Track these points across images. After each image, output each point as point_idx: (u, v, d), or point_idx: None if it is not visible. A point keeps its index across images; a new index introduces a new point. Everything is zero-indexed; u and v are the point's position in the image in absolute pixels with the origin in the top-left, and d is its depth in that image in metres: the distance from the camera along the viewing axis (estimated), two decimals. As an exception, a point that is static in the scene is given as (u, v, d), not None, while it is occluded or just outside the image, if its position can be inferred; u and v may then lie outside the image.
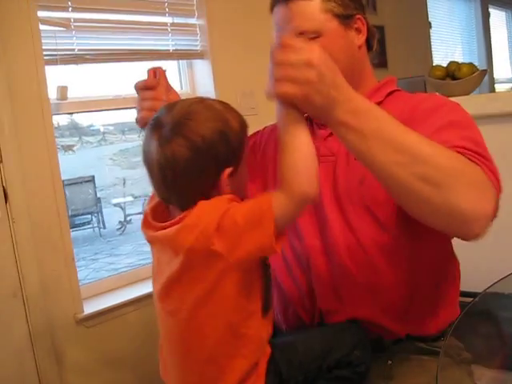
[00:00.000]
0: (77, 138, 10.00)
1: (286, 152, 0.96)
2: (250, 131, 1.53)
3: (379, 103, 1.28)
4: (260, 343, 1.03)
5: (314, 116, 1.08)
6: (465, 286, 1.50)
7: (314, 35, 1.26)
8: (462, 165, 1.00)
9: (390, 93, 1.34)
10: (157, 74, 1.33)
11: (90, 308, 2.23)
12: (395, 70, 4.02)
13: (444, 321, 1.30)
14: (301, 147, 0.96)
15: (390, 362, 1.25)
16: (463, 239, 1.03)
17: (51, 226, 2.12)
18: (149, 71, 1.33)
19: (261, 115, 2.70)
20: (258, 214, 0.93)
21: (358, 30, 1.32)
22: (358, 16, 1.31)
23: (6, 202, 1.97)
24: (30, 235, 2.04)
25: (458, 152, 1.03)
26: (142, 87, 1.32)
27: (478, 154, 1.05)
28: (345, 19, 1.29)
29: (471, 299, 1.27)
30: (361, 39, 1.33)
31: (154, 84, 1.31)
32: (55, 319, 2.13)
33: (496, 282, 1.21)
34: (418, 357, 1.27)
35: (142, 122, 1.30)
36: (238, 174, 1.05)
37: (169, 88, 1.35)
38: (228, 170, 1.01)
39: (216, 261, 0.94)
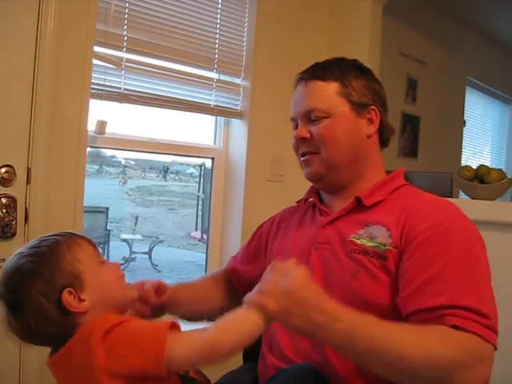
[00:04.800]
0: (97, 167, 10.12)
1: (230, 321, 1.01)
2: (275, 198, 1.58)
3: (381, 201, 1.30)
4: None
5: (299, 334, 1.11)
6: None
7: (324, 115, 1.31)
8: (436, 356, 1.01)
9: (396, 188, 1.34)
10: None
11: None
12: (424, 162, 4.07)
13: None
14: (237, 330, 1.00)
15: None
16: None
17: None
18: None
19: (287, 183, 2.75)
20: (150, 338, 0.96)
21: (370, 121, 1.35)
22: (372, 107, 1.35)
23: (25, 223, 2.00)
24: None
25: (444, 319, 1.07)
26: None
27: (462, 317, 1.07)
28: (358, 106, 1.33)
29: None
30: (371, 130, 1.35)
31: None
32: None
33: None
34: None
35: None
36: (90, 282, 1.07)
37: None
38: (66, 293, 1.03)
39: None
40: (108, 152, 10.40)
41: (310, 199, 1.45)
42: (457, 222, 1.22)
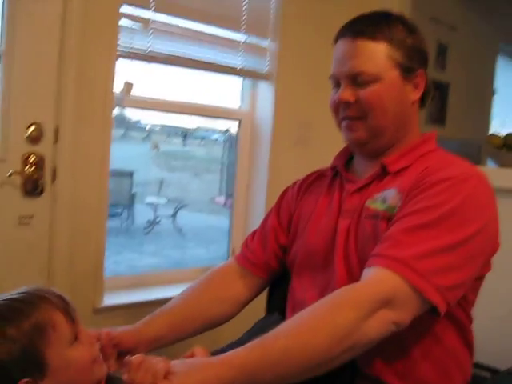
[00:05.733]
0: (122, 131, 10.16)
1: None
2: (301, 162, 1.56)
3: (407, 167, 1.27)
4: None
5: None
6: (484, 358, 1.47)
7: (372, 79, 1.25)
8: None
9: (425, 153, 1.31)
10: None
11: (109, 300, 2.26)
12: (452, 129, 4.01)
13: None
14: None
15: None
16: None
17: (90, 212, 2.16)
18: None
19: (314, 147, 2.74)
20: None
21: (416, 85, 1.30)
22: (419, 71, 1.30)
23: (52, 182, 2.02)
24: (69, 216, 2.08)
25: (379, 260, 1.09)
26: None
27: (407, 267, 1.07)
28: (406, 72, 1.27)
29: (489, 375, 1.25)
30: (416, 95, 1.31)
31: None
32: (74, 303, 2.14)
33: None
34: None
35: None
36: (55, 369, 0.98)
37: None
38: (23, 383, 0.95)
39: None
40: (133, 117, 10.40)
41: (337, 166, 1.43)
42: (470, 186, 1.18)
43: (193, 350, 1.19)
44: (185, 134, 11.94)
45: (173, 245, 7.49)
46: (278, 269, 1.49)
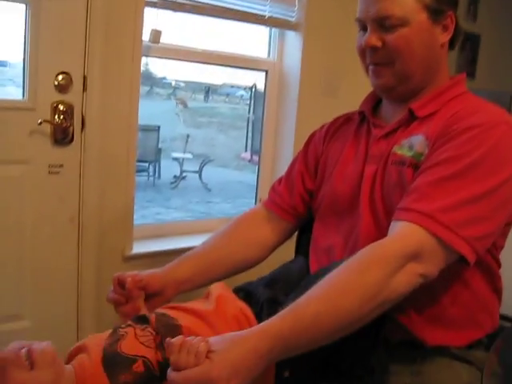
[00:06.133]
0: (148, 88, 10.16)
1: None
2: (329, 114, 1.54)
3: (435, 112, 1.24)
4: None
5: None
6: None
7: (399, 23, 1.20)
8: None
9: (454, 97, 1.27)
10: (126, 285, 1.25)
11: (138, 248, 2.29)
12: (482, 82, 3.93)
13: (478, 331, 1.27)
14: None
15: (418, 358, 1.24)
16: None
17: (119, 162, 2.18)
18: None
19: (342, 98, 2.70)
20: None
21: (445, 28, 1.25)
22: (449, 13, 1.25)
23: (82, 130, 2.04)
24: (98, 166, 2.11)
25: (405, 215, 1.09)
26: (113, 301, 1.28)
27: (434, 220, 1.07)
28: (435, 14, 1.22)
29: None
30: (445, 37, 1.26)
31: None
32: (104, 251, 2.19)
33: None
34: (448, 361, 1.24)
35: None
36: None
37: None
38: None
39: None
40: (158, 73, 10.41)
41: (364, 111, 1.41)
42: (498, 133, 1.14)
43: (209, 288, 1.21)
44: (210, 91, 11.90)
45: (199, 199, 7.54)
46: (305, 213, 1.49)
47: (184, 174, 8.07)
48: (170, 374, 0.86)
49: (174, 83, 11.30)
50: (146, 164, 7.42)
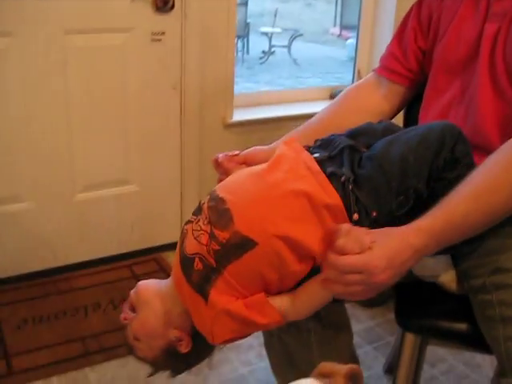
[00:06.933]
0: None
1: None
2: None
3: None
4: None
5: None
6: None
7: None
8: None
9: None
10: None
11: (239, 116, 2.34)
12: None
13: None
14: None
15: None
16: None
17: (219, 31, 2.19)
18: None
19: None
20: None
21: None
22: None
23: (181, -3, 2.05)
24: (199, 34, 2.13)
25: None
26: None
27: None
28: None
29: None
30: None
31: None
32: (205, 118, 2.26)
33: None
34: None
35: None
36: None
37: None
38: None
39: None
40: None
41: None
42: None
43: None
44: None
45: (288, 75, 7.46)
46: (420, 75, 1.42)
47: (273, 49, 7.97)
48: (330, 256, 0.90)
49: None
50: (235, 39, 7.34)
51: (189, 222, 0.99)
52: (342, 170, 0.98)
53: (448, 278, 1.22)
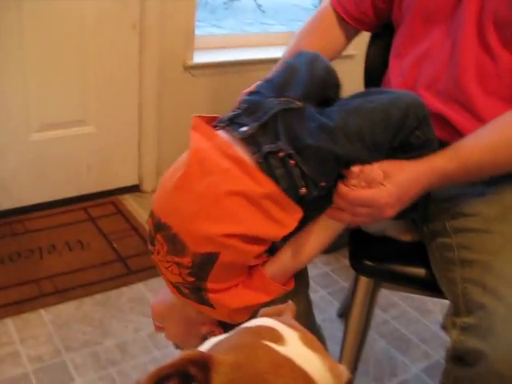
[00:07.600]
0: None
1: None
2: None
3: None
4: None
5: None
6: None
7: None
8: None
9: None
10: None
11: (200, 58, 2.29)
12: None
13: None
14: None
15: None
16: None
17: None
18: None
19: None
20: None
21: None
22: None
23: None
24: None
25: None
26: None
27: None
28: None
29: None
30: None
31: None
32: (165, 59, 2.20)
33: None
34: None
35: None
36: None
37: None
38: None
39: None
40: None
41: None
42: None
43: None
44: None
45: (252, 21, 7.32)
46: (376, 23, 1.38)
47: (237, -6, 7.79)
48: (342, 188, 0.93)
49: None
50: (199, -18, 7.15)
51: (151, 253, 1.01)
52: (279, 143, 0.92)
53: (396, 231, 1.25)
